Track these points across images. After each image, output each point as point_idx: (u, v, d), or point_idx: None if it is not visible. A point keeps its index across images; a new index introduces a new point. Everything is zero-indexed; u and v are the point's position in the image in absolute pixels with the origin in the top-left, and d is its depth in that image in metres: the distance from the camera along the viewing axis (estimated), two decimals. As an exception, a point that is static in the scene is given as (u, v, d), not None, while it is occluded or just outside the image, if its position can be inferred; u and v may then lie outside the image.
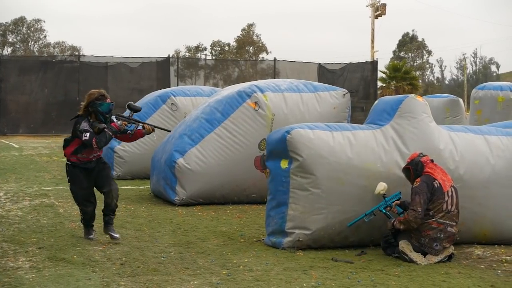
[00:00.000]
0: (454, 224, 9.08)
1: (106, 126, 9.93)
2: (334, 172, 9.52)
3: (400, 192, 9.36)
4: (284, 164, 9.69)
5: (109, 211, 10.11)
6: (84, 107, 10.09)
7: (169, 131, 11.59)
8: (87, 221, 10.22)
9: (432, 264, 8.79)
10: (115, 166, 18.09)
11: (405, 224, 9.00)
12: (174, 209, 13.17)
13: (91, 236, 10.15)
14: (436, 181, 9.10)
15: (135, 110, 10.32)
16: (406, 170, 9.40)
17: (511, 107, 21.91)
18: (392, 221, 9.16)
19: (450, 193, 9.10)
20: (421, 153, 9.42)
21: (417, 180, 9.17)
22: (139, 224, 11.35)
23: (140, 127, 10.30)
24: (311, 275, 8.13)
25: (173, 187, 13.64)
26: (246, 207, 13.60)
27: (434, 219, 8.99)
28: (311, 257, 9.09)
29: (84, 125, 9.91)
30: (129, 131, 10.29)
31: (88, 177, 10.06)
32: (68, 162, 10.10)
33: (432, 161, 9.36)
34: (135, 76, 46.93)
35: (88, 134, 9.82)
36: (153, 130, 10.31)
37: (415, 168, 9.26)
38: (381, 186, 9.37)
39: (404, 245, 8.97)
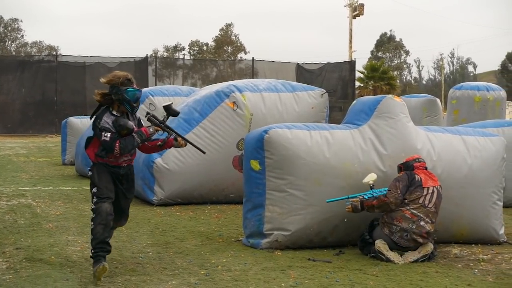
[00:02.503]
0: (429, 221, 9.10)
1: (134, 129, 7.98)
2: (312, 173, 9.53)
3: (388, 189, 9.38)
4: (255, 165, 9.67)
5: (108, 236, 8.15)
6: (104, 94, 8.02)
7: (204, 152, 9.29)
8: (99, 232, 7.71)
9: (410, 264, 8.82)
10: (93, 166, 18.03)
11: (382, 207, 9.09)
12: (152, 209, 13.14)
13: (100, 264, 7.65)
14: (418, 176, 9.21)
15: (174, 114, 8.32)
16: (398, 168, 9.50)
17: (488, 107, 22.03)
18: (364, 202, 9.18)
19: (430, 190, 9.16)
20: (418, 158, 9.48)
21: (400, 172, 9.32)
22: (117, 225, 11.30)
23: (172, 137, 8.28)
24: (290, 275, 8.14)
25: (151, 187, 13.62)
26: (224, 207, 13.60)
27: (408, 207, 9.05)
28: (290, 257, 9.10)
29: (106, 121, 7.84)
30: (159, 141, 8.28)
31: (115, 183, 8.05)
32: (94, 162, 8.03)
33: (426, 168, 9.44)
34: (113, 76, 46.74)
35: (109, 134, 7.76)
36: (184, 145, 8.48)
37: (405, 170, 9.37)
38: (372, 177, 9.36)
39: (380, 245, 9.00)
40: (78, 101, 45.49)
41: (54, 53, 76.08)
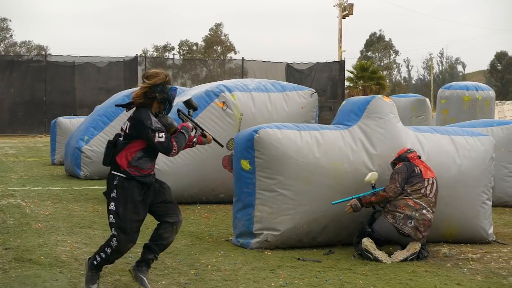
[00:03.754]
0: (430, 211, 9.20)
1: (177, 126, 7.55)
2: (302, 172, 9.54)
3: None
4: (245, 165, 9.67)
5: (160, 249, 7.61)
6: (147, 93, 7.28)
7: (222, 145, 8.83)
8: (110, 261, 7.40)
9: (399, 263, 8.84)
10: (82, 166, 18.08)
11: (381, 202, 9.20)
12: (142, 209, 13.11)
13: (93, 287, 7.28)
14: (417, 167, 9.31)
15: (195, 108, 7.95)
16: (393, 164, 9.54)
17: (477, 106, 22.09)
18: (362, 199, 9.23)
19: (430, 181, 9.29)
20: (409, 149, 9.61)
21: (399, 164, 9.40)
22: (106, 224, 11.17)
23: (199, 133, 7.99)
24: (279, 274, 8.14)
25: (141, 187, 13.58)
26: (214, 206, 13.60)
27: (410, 197, 9.14)
28: (279, 256, 9.11)
29: (155, 120, 7.21)
30: (193, 138, 7.86)
31: (145, 198, 7.34)
32: (118, 174, 7.25)
33: (419, 157, 9.56)
34: (103, 76, 46.85)
35: (163, 134, 7.18)
36: (210, 141, 8.17)
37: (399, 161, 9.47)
38: (374, 176, 9.40)
39: (367, 243, 9.00)
40: (68, 101, 45.41)
41: (43, 53, 75.92)
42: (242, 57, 51.90)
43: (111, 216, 7.22)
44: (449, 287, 7.76)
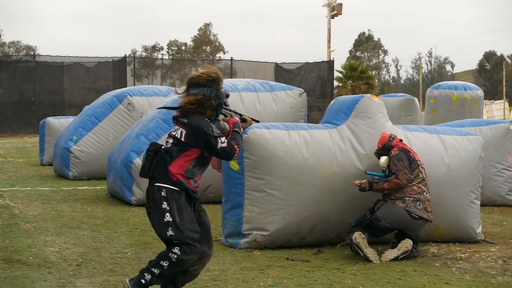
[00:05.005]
0: (428, 192, 9.41)
1: (229, 127, 6.84)
2: (290, 172, 9.54)
3: None
4: (234, 165, 9.67)
5: (185, 282, 6.91)
6: (202, 100, 6.63)
7: (259, 121, 7.80)
8: (164, 277, 6.60)
9: (388, 262, 8.85)
10: (71, 166, 18.02)
11: (394, 189, 9.25)
12: (131, 209, 13.11)
13: None
14: (410, 152, 9.47)
15: (228, 95, 6.89)
16: (378, 155, 9.61)
17: (466, 106, 22.16)
18: (374, 185, 9.29)
19: (421, 163, 9.50)
20: (391, 136, 9.67)
21: (393, 149, 9.48)
22: (95, 225, 11.28)
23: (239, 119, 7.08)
24: (268, 274, 8.14)
25: (130, 187, 13.59)
26: (203, 207, 13.54)
27: (414, 182, 9.29)
28: (268, 256, 9.11)
29: (213, 126, 6.61)
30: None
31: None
32: (166, 185, 6.58)
33: (401, 140, 9.71)
34: (92, 76, 46.74)
35: (223, 139, 6.60)
36: (251, 123, 7.25)
37: (386, 151, 9.54)
38: (387, 160, 9.49)
39: (359, 240, 8.98)
40: (56, 101, 45.31)
41: (32, 53, 75.81)
42: (231, 57, 51.89)
43: (169, 228, 6.46)
44: (438, 286, 7.78)
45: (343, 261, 8.91)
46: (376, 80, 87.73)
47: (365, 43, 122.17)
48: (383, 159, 9.48)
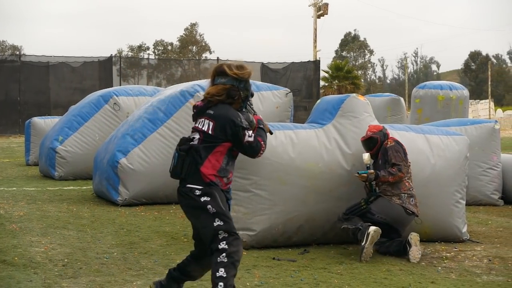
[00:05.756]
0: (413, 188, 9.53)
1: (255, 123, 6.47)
2: (276, 172, 9.54)
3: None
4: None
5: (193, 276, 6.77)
6: (226, 91, 6.28)
7: (272, 133, 7.30)
8: (234, 273, 6.23)
9: (374, 262, 8.86)
10: (57, 166, 17.98)
11: (396, 181, 9.31)
12: (117, 209, 13.10)
13: None
14: (402, 146, 9.55)
15: (252, 94, 6.64)
16: (371, 139, 9.60)
17: (451, 106, 22.23)
18: (376, 175, 9.28)
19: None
20: (384, 126, 9.79)
21: (388, 140, 9.56)
22: (81, 225, 11.26)
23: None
24: (254, 274, 8.14)
25: (116, 187, 13.57)
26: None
27: (406, 178, 9.38)
28: (255, 256, 9.11)
29: (242, 116, 6.30)
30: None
31: None
32: (198, 187, 6.16)
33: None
34: (77, 76, 46.62)
35: (251, 133, 6.27)
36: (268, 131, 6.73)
37: (382, 139, 9.58)
38: (369, 158, 9.53)
39: (374, 235, 8.95)
40: (42, 101, 45.18)
41: (18, 52, 75.54)
42: (217, 57, 51.83)
43: (216, 219, 6.06)
44: (424, 286, 7.80)
45: (329, 261, 8.92)
46: (362, 80, 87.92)
47: (351, 43, 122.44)
48: (366, 156, 9.51)
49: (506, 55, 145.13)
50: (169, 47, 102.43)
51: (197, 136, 6.24)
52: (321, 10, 62.20)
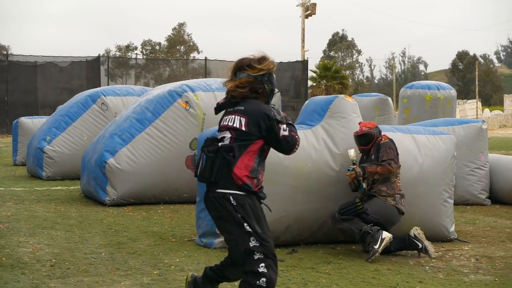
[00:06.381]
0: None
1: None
2: (265, 172, 9.52)
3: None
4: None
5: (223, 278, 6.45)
6: (250, 84, 5.97)
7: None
8: None
9: (362, 261, 8.88)
10: (44, 166, 17.94)
11: (383, 175, 9.32)
12: (105, 209, 13.08)
13: None
14: (395, 144, 9.60)
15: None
16: (368, 134, 9.61)
17: (439, 105, 22.28)
18: (367, 168, 9.28)
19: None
20: (378, 125, 9.88)
21: (382, 137, 9.61)
22: (69, 225, 11.24)
23: None
24: (243, 274, 8.14)
25: (104, 188, 13.55)
26: (177, 206, 13.57)
27: (397, 178, 9.46)
28: (243, 256, 9.10)
29: (274, 109, 5.89)
30: None
31: None
32: (232, 192, 5.75)
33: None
34: (65, 76, 46.50)
35: (285, 126, 5.87)
36: None
37: (378, 135, 9.64)
38: (355, 152, 9.59)
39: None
40: (30, 101, 45.07)
41: (5, 52, 75.31)
42: (205, 57, 51.83)
43: (251, 239, 5.62)
44: (411, 285, 7.81)
45: (317, 261, 8.93)
46: (350, 80, 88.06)
47: (339, 43, 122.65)
48: (352, 152, 9.53)
49: (494, 55, 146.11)
50: (157, 47, 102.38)
51: (227, 135, 5.85)
52: (309, 10, 62.30)
